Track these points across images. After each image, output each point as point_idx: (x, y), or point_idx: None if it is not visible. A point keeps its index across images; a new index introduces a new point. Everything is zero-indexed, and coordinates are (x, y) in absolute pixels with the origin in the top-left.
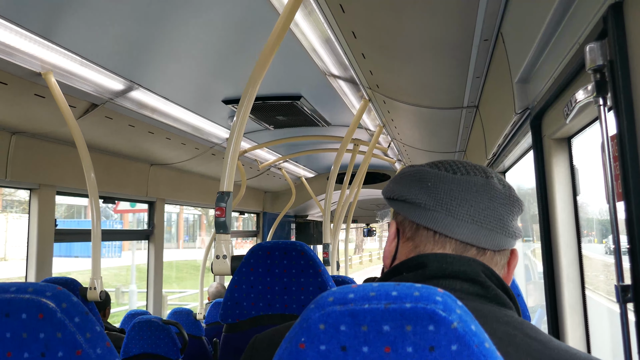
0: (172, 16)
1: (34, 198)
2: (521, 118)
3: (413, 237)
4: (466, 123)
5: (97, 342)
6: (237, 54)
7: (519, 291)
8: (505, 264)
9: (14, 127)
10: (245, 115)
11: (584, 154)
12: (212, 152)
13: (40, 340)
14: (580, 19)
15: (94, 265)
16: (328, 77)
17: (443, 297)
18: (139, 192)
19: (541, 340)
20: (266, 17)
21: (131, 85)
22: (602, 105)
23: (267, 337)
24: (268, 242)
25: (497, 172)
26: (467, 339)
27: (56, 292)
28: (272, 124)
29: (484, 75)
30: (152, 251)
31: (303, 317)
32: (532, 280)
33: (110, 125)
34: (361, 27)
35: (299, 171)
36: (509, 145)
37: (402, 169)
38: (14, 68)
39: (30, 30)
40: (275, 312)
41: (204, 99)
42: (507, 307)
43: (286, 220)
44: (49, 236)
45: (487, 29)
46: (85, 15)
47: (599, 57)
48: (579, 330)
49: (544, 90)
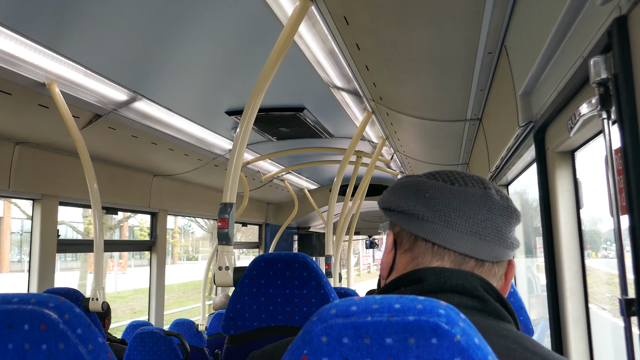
0: (176, 28)
1: (37, 208)
2: (525, 131)
3: (411, 249)
4: (469, 136)
5: (100, 354)
6: (240, 66)
7: (522, 304)
8: (502, 275)
9: (17, 137)
10: (248, 127)
11: (588, 168)
12: (215, 163)
13: (42, 351)
14: (585, 32)
15: (96, 276)
16: (331, 89)
17: (446, 309)
18: (142, 202)
19: (541, 354)
20: (270, 29)
21: (135, 96)
22: (606, 119)
23: (265, 353)
24: (270, 253)
25: (499, 185)
26: (470, 352)
27: (59, 304)
28: (275, 136)
29: (488, 87)
30: (155, 262)
31: (305, 330)
32: (535, 293)
33: (114, 135)
34: (365, 39)
35: (302, 183)
36: (512, 158)
37: (399, 179)
38: (19, 78)
39: (34, 40)
40: (277, 324)
41: (207, 110)
42: (506, 321)
43: (289, 231)
44: (52, 247)
45: (491, 41)
46: (89, 26)
47: (603, 70)
48: (582, 344)
49: (548, 103)
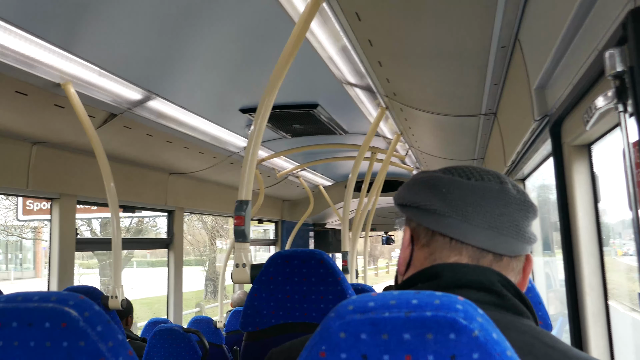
0: (189, 27)
1: (55, 208)
2: (540, 125)
3: (428, 244)
4: (484, 130)
5: (120, 351)
6: (253, 63)
7: (540, 299)
8: (520, 270)
9: (34, 138)
10: (262, 124)
11: (605, 161)
12: (230, 160)
13: (63, 349)
14: (599, 24)
15: (115, 274)
16: (344, 85)
17: (464, 305)
18: (158, 201)
19: (560, 350)
20: (282, 26)
21: (149, 95)
22: (622, 112)
23: (283, 350)
24: (287, 250)
25: (515, 179)
26: (488, 347)
27: (79, 301)
28: (289, 133)
29: (502, 82)
30: (172, 260)
31: (323, 326)
32: (553, 289)
33: (129, 134)
34: (377, 34)
35: (317, 179)
36: (528, 153)
37: (414, 175)
38: (34, 79)
39: (49, 41)
40: (295, 321)
41: (221, 108)
42: (525, 317)
43: (305, 228)
44: (71, 245)
45: (504, 35)
46: (103, 26)
47: (619, 63)
48: (602, 341)
49: (563, 96)
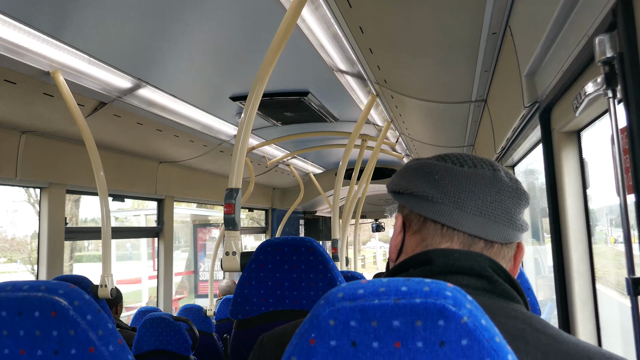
0: (179, 14)
1: (44, 197)
2: (530, 111)
3: (420, 230)
4: (474, 117)
5: (110, 339)
6: (244, 51)
7: (529, 285)
8: (511, 257)
9: (23, 126)
10: (252, 112)
11: (594, 147)
12: (220, 149)
13: (53, 337)
14: (589, 11)
15: (105, 263)
16: (335, 73)
17: (453, 292)
18: (148, 189)
19: (550, 334)
20: (273, 13)
21: (139, 83)
22: (611, 98)
23: (275, 335)
24: (277, 238)
25: (505, 166)
26: (477, 334)
27: (68, 290)
28: (279, 120)
29: (492, 69)
30: (162, 249)
31: (313, 313)
32: (542, 274)
33: (119, 123)
34: (368, 22)
35: (307, 167)
36: (518, 139)
37: (408, 162)
38: (23, 67)
39: (38, 29)
40: (285, 308)
41: (212, 96)
42: (516, 302)
43: (295, 216)
44: (60, 234)
45: (495, 22)
46: (93, 14)
47: (609, 49)
48: (589, 325)
49: (553, 83)
